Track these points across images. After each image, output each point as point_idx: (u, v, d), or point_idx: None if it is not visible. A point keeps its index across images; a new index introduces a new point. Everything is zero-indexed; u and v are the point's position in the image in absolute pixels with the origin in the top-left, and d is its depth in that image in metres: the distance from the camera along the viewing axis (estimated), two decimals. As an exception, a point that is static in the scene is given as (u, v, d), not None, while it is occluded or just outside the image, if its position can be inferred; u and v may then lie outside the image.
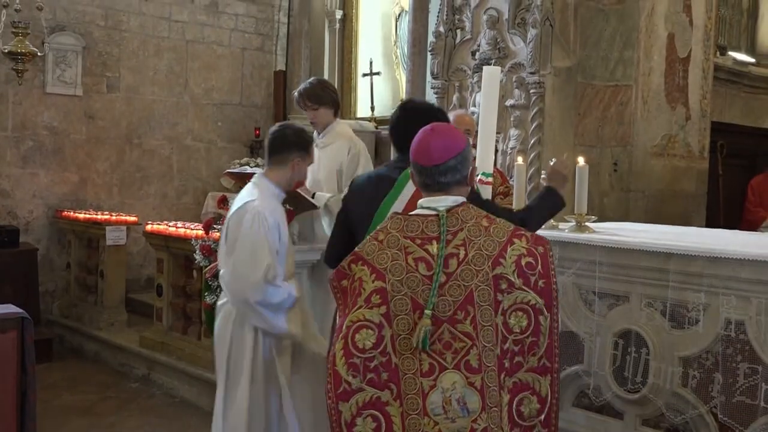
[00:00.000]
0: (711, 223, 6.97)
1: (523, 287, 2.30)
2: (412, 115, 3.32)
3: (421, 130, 2.51)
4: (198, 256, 4.53)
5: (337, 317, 2.40)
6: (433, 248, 2.30)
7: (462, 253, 2.29)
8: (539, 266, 2.33)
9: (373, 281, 2.29)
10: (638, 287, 3.70)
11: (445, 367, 2.22)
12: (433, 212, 2.38)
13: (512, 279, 2.29)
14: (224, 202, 4.58)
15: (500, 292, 2.28)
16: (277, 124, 3.86)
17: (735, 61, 8.54)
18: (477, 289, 2.27)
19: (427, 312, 2.23)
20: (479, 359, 2.22)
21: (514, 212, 3.28)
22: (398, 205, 3.23)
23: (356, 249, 2.38)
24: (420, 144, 2.47)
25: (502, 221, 2.40)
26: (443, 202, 2.40)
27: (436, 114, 3.48)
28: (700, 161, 6.93)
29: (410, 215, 2.40)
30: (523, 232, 2.38)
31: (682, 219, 6.49)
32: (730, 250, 3.36)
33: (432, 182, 2.44)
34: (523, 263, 2.31)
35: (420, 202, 2.46)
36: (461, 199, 2.43)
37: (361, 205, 3.38)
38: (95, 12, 8.92)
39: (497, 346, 2.25)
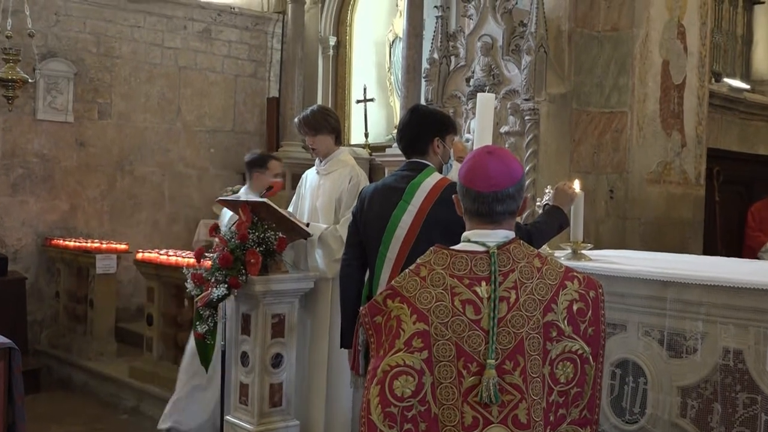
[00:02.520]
0: (708, 250, 6.98)
1: (573, 335, 2.16)
2: (423, 120, 3.34)
3: (476, 152, 2.33)
4: (189, 285, 4.51)
5: (371, 358, 2.18)
6: (482, 290, 2.13)
7: (513, 296, 2.13)
8: (590, 312, 2.20)
9: (414, 322, 2.11)
10: (635, 316, 3.70)
11: (491, 421, 2.07)
12: (483, 248, 2.20)
13: (562, 326, 2.15)
14: (216, 230, 4.58)
15: (550, 341, 2.14)
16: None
17: (730, 87, 8.60)
18: (528, 337, 2.11)
19: (491, 361, 2.07)
20: (528, 414, 2.08)
21: (520, 225, 3.27)
22: (407, 217, 3.23)
23: (393, 283, 2.21)
24: (477, 166, 2.25)
25: (553, 260, 2.25)
26: (494, 237, 2.22)
27: (448, 120, 3.51)
28: (696, 188, 6.96)
29: (457, 251, 2.21)
30: (575, 274, 2.24)
31: (680, 246, 6.50)
32: (728, 278, 3.36)
33: (488, 211, 2.22)
34: (574, 309, 2.18)
35: (468, 234, 2.27)
36: (511, 234, 2.25)
37: (371, 218, 3.40)
38: (87, 38, 8.96)
39: (544, 398, 2.12)
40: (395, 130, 3.87)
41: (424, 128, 3.34)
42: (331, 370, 4.55)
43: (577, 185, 3.96)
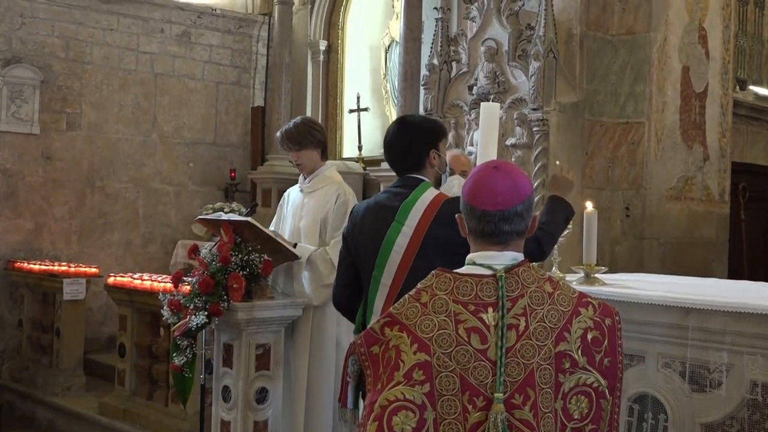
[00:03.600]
0: (734, 273, 6.99)
1: (587, 367, 2.14)
2: (414, 133, 3.32)
3: (481, 167, 2.31)
4: (166, 313, 4.49)
5: (366, 391, 2.16)
6: (489, 317, 2.12)
7: (522, 324, 2.12)
8: (606, 342, 2.18)
9: (414, 353, 2.09)
10: (654, 346, 3.69)
11: None
12: (489, 272, 2.19)
13: (576, 357, 2.14)
14: (196, 252, 4.57)
15: (562, 373, 2.11)
16: None
17: (756, 95, 8.65)
18: (538, 368, 2.09)
19: (498, 395, 2.04)
20: None
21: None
22: (402, 239, 3.22)
23: (392, 310, 2.19)
24: (482, 183, 2.25)
25: (565, 285, 2.24)
26: (501, 259, 2.21)
27: (439, 126, 3.51)
28: (720, 205, 6.98)
29: (461, 274, 2.19)
30: (589, 300, 2.23)
31: (702, 269, 6.51)
32: (756, 305, 3.37)
33: (494, 231, 2.22)
34: (589, 338, 2.16)
35: (472, 257, 2.25)
36: (520, 255, 2.24)
37: (362, 240, 3.39)
38: (55, 43, 8.99)
39: None
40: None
41: (416, 142, 3.33)
42: (311, 405, 4.54)
43: (589, 205, 3.97)
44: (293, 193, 4.82)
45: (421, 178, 3.34)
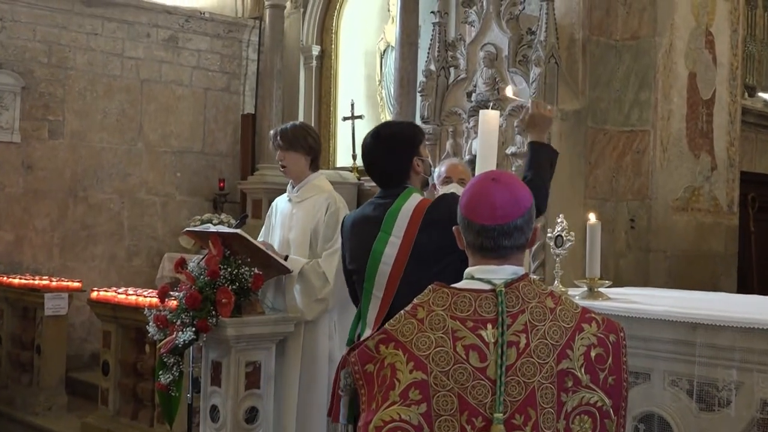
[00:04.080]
0: (743, 287, 7.01)
1: (591, 385, 2.14)
2: (393, 144, 3.33)
3: (479, 179, 2.32)
4: (152, 329, 4.48)
5: (360, 411, 2.15)
6: (488, 333, 2.12)
7: (523, 341, 2.12)
8: (610, 359, 2.19)
9: (410, 371, 2.09)
10: (661, 363, 3.70)
11: None
12: (488, 286, 2.19)
13: (579, 375, 2.14)
14: (183, 265, 4.56)
15: (565, 392, 2.12)
16: None
17: (766, 102, 8.70)
18: (540, 387, 2.10)
19: (498, 415, 2.05)
20: None
21: None
22: (391, 250, 3.23)
23: (387, 327, 2.18)
24: (480, 196, 2.25)
25: (568, 300, 2.24)
26: (500, 273, 2.21)
27: (417, 130, 3.51)
28: (728, 217, 6.99)
29: (459, 289, 2.19)
30: (593, 316, 2.23)
31: (710, 283, 6.52)
32: (766, 320, 3.37)
33: (493, 246, 2.22)
34: (592, 356, 2.16)
35: (471, 271, 2.25)
36: (521, 270, 2.23)
37: (352, 254, 3.42)
38: (37, 47, 9.00)
39: None
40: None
41: (396, 153, 3.33)
42: (302, 423, 4.53)
43: (592, 216, 3.98)
44: (281, 203, 4.82)
45: (405, 185, 3.35)
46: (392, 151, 3.33)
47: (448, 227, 3.08)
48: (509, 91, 3.79)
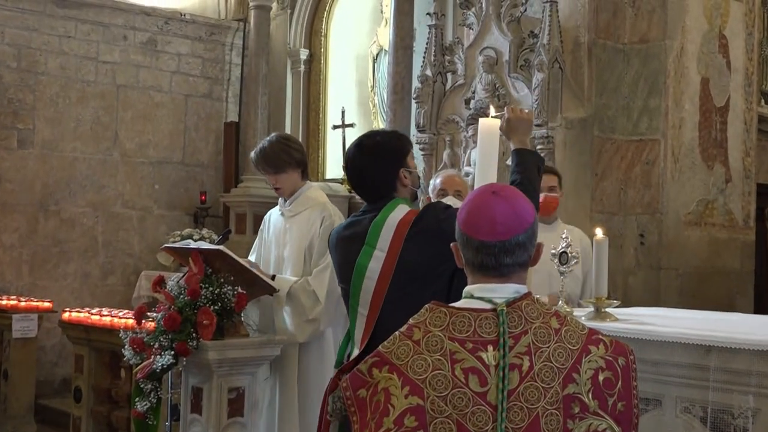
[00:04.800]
0: (760, 307, 7.02)
1: (599, 411, 2.14)
2: (378, 156, 3.33)
3: (478, 192, 2.32)
4: (127, 352, 4.46)
5: None
6: (489, 356, 2.12)
7: (526, 364, 2.12)
8: (619, 384, 2.19)
9: (406, 396, 2.09)
10: (672, 389, 3.70)
11: None
12: (489, 306, 2.19)
13: (586, 401, 2.14)
14: (161, 284, 4.56)
15: (571, 418, 2.11)
16: None
17: (783, 110, 8.72)
18: (544, 413, 2.10)
19: None
20: None
21: None
22: (375, 264, 3.23)
23: (381, 348, 2.19)
24: (480, 211, 2.25)
25: (574, 321, 2.24)
26: (502, 291, 2.21)
27: (403, 140, 3.52)
28: (744, 232, 7.01)
29: (458, 308, 2.19)
30: (600, 338, 2.23)
31: (726, 302, 6.53)
32: (784, 342, 3.38)
33: (494, 264, 2.22)
34: (600, 380, 2.16)
35: (470, 289, 2.25)
36: (523, 288, 2.24)
37: (338, 268, 3.43)
38: (5, 51, 9.00)
39: None
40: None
41: (382, 165, 3.34)
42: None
43: (599, 231, 3.98)
44: (274, 217, 4.82)
45: (392, 197, 3.36)
46: (377, 162, 3.34)
47: (436, 238, 3.09)
48: (492, 112, 3.81)
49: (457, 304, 2.22)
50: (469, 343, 2.14)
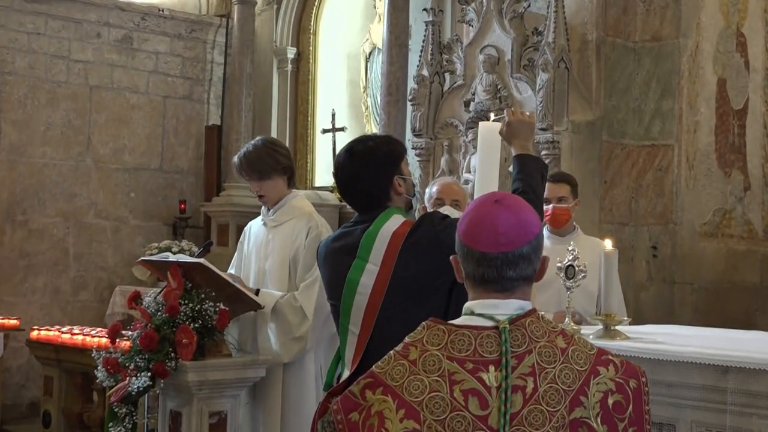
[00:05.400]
0: (782, 324, 7.01)
1: None
2: (370, 163, 3.33)
3: (479, 201, 2.33)
4: (100, 374, 4.46)
5: None
6: (490, 377, 2.12)
7: (530, 385, 2.12)
8: (630, 407, 2.19)
9: (401, 420, 2.09)
10: (687, 412, 3.70)
11: None
12: (490, 323, 2.19)
13: (595, 426, 2.14)
14: (137, 300, 4.55)
15: None
16: None
17: (805, 113, 8.74)
18: None
19: None
20: None
21: None
22: (367, 279, 3.23)
23: (374, 369, 2.19)
24: (481, 220, 2.26)
25: (581, 340, 2.24)
26: (504, 308, 2.22)
27: (397, 145, 3.52)
28: (764, 244, 7.01)
29: (457, 326, 2.20)
30: (610, 358, 2.24)
31: (744, 319, 6.52)
32: (807, 362, 3.38)
33: (496, 277, 2.23)
34: (610, 403, 2.16)
35: (470, 305, 2.26)
36: (527, 304, 2.24)
37: (327, 283, 3.43)
38: (-30, 49, 9.00)
39: None
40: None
41: (375, 173, 3.34)
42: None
43: (608, 243, 3.99)
44: (255, 228, 4.81)
45: (386, 206, 3.36)
46: (369, 169, 3.34)
47: (433, 250, 3.09)
48: (491, 118, 3.83)
49: (456, 322, 2.22)
50: (469, 363, 2.14)
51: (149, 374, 4.25)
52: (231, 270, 4.83)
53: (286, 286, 4.56)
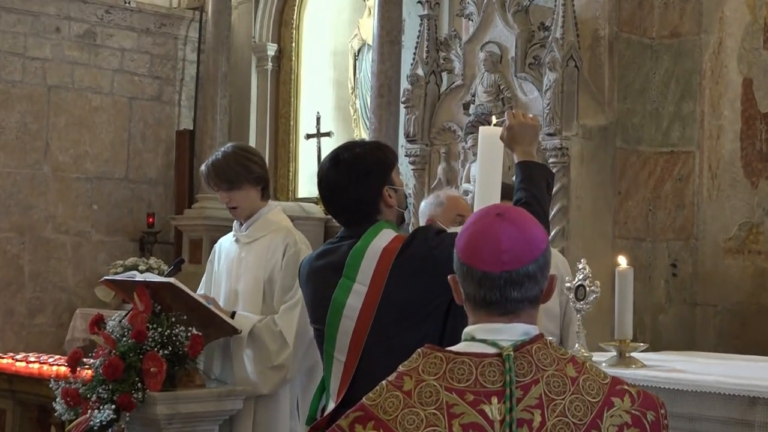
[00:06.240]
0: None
1: None
2: (358, 172, 3.34)
3: (480, 215, 2.33)
4: (59, 406, 4.45)
5: None
6: (493, 409, 2.12)
7: (537, 419, 2.13)
8: None
9: None
10: (711, 447, 3.71)
11: None
12: (493, 350, 2.19)
13: None
14: (100, 324, 4.55)
15: None
16: None
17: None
18: None
19: None
20: None
21: None
22: (354, 301, 3.23)
23: (365, 401, 2.18)
24: (482, 236, 2.26)
25: (594, 368, 2.23)
26: (509, 333, 2.22)
27: (387, 153, 3.52)
28: (796, 261, 7.03)
29: (457, 353, 2.20)
30: (626, 388, 2.23)
31: (773, 345, 6.54)
32: (842, 393, 3.39)
33: (499, 299, 2.23)
34: None
35: (471, 330, 2.26)
36: (534, 329, 2.24)
37: (309, 304, 3.43)
38: None
39: None
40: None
41: (363, 184, 3.35)
42: None
43: (622, 261, 4.00)
44: (227, 245, 4.81)
45: (375, 220, 3.36)
46: (357, 179, 3.34)
47: (427, 268, 3.09)
48: (493, 122, 3.84)
49: (455, 348, 2.22)
50: (470, 395, 2.14)
51: (113, 407, 4.24)
52: (200, 291, 4.81)
53: (260, 310, 4.55)
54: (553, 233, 6.15)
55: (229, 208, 4.71)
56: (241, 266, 4.66)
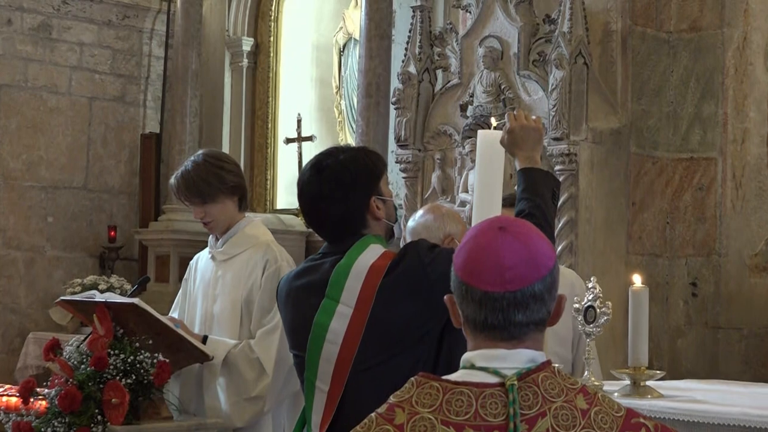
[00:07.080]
0: None
1: None
2: (342, 181, 3.34)
3: (480, 228, 2.33)
4: (10, 441, 4.45)
5: None
6: None
7: None
8: None
9: None
10: (735, 486, 3.72)
11: None
12: (495, 379, 2.20)
13: None
14: (55, 350, 4.54)
15: None
16: None
17: None
18: None
19: None
20: None
21: None
22: (338, 324, 3.23)
23: None
24: (482, 252, 2.27)
25: (606, 399, 2.24)
26: (512, 360, 2.23)
27: (375, 159, 3.53)
28: (828, 280, 7.05)
29: (454, 383, 2.20)
30: (642, 421, 2.23)
31: (803, 373, 6.56)
32: None
33: (502, 322, 2.23)
34: None
35: (470, 357, 2.27)
36: (540, 356, 2.25)
37: (289, 328, 3.43)
38: None
39: None
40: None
41: (347, 194, 3.34)
42: None
43: (637, 279, 4.00)
44: (203, 262, 4.81)
45: (362, 234, 3.37)
46: (340, 189, 3.34)
47: (419, 288, 3.10)
48: (493, 125, 3.85)
49: (452, 377, 2.22)
50: (469, 429, 2.15)
51: (70, 442, 4.24)
52: (173, 313, 4.81)
53: (237, 333, 4.55)
54: (560, 249, 6.16)
55: (204, 223, 4.70)
56: (217, 286, 4.66)
